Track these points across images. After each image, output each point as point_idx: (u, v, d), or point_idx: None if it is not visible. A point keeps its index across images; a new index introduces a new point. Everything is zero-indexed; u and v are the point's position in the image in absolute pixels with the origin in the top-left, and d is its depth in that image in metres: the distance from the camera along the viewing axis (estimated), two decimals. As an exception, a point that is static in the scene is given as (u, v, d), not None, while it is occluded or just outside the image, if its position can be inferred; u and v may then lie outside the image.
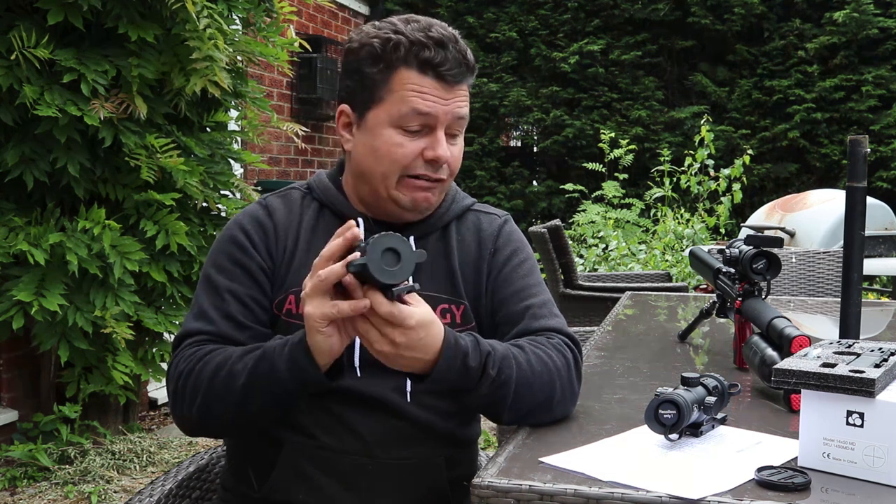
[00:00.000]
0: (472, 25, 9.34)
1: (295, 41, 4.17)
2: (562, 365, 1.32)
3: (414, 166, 1.34)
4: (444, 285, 1.41)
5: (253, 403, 1.26)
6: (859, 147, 1.52)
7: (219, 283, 1.37)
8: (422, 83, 1.32)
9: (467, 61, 1.35)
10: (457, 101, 1.35)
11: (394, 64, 1.32)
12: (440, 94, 1.33)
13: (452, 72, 1.33)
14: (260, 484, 1.36)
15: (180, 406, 1.32)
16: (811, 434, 1.09)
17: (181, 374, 1.31)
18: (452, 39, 1.35)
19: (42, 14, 3.18)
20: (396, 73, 1.32)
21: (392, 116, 1.33)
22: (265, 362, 1.23)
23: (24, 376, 3.74)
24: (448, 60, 1.32)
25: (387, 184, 1.36)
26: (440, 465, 1.38)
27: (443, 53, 1.32)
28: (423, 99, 1.32)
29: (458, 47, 1.34)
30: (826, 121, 8.52)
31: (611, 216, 7.13)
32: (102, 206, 3.38)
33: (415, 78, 1.32)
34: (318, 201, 1.44)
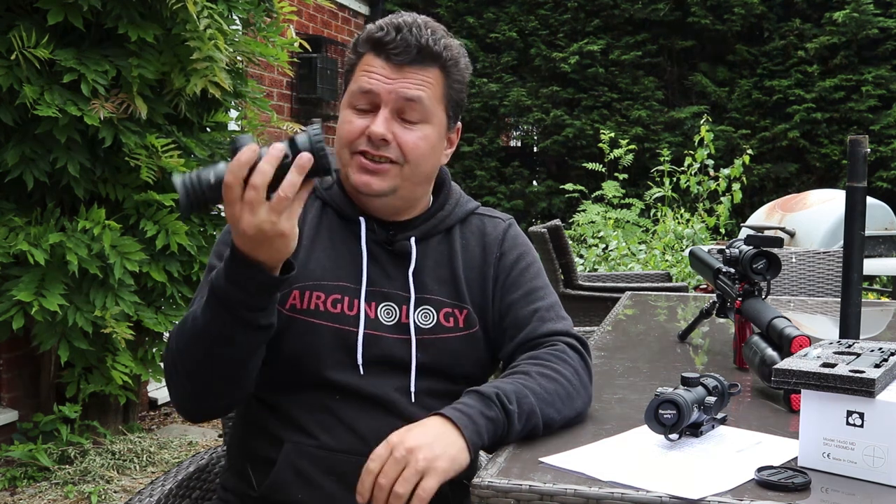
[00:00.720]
0: (472, 25, 9.34)
1: (295, 41, 4.17)
2: (570, 374, 1.33)
3: (358, 143, 1.36)
4: (447, 290, 1.41)
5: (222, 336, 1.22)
6: (859, 147, 1.52)
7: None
8: (372, 63, 1.37)
9: (421, 45, 1.35)
10: (404, 81, 1.35)
11: (359, 50, 1.39)
12: (386, 73, 1.36)
13: (396, 51, 1.35)
14: (260, 483, 1.36)
15: (172, 381, 1.31)
16: (811, 434, 1.09)
17: (166, 348, 1.32)
18: (413, 25, 1.37)
19: (42, 14, 3.18)
20: (361, 59, 1.39)
21: (348, 96, 1.39)
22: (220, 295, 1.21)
23: (24, 376, 3.74)
24: (396, 41, 1.35)
25: (343, 161, 1.39)
26: (441, 465, 1.37)
27: (393, 35, 1.35)
28: (370, 77, 1.36)
29: (416, 32, 1.36)
30: (826, 121, 8.52)
31: (611, 216, 7.13)
32: (102, 206, 3.38)
33: (370, 59, 1.37)
34: (322, 199, 1.45)
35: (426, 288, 1.40)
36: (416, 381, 1.36)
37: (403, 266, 1.40)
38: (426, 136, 1.38)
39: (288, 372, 1.35)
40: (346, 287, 1.37)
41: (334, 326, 1.35)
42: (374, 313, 1.37)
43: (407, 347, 1.36)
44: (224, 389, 1.30)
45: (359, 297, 1.37)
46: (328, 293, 1.36)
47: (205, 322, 1.23)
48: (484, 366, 1.44)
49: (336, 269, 1.38)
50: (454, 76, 1.40)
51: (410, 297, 1.38)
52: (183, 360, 1.28)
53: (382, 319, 1.37)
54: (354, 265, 1.39)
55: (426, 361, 1.37)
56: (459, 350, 1.39)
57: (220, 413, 1.42)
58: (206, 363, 1.26)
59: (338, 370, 1.34)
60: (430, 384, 1.37)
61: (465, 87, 1.43)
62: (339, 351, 1.34)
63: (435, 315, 1.39)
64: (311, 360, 1.34)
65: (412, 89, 1.36)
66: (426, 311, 1.39)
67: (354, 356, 1.34)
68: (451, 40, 1.40)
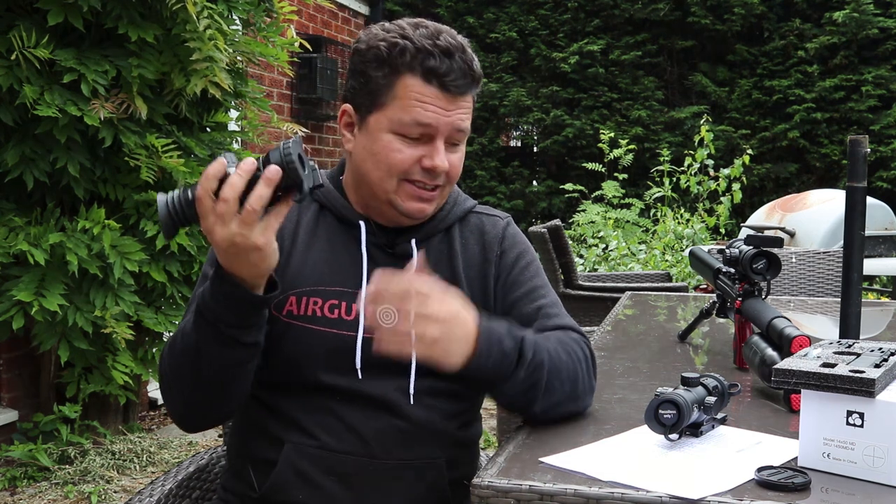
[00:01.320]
0: (472, 25, 9.34)
1: (295, 41, 4.17)
2: (582, 357, 1.35)
3: (411, 172, 1.34)
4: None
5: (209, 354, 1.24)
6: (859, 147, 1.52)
7: None
8: (425, 92, 1.31)
9: (473, 72, 1.34)
10: (459, 112, 1.34)
11: (399, 69, 1.31)
12: (442, 104, 1.32)
13: (457, 83, 1.32)
14: (260, 484, 1.36)
15: (166, 394, 1.33)
16: (811, 434, 1.09)
17: (160, 360, 1.33)
18: (460, 49, 1.33)
19: (42, 14, 3.18)
20: (400, 80, 1.31)
21: (393, 122, 1.32)
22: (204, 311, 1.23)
23: (24, 376, 3.74)
24: (453, 71, 1.31)
25: (385, 187, 1.35)
26: (441, 465, 1.37)
27: (448, 63, 1.31)
28: (425, 109, 1.31)
29: (464, 57, 1.33)
30: (826, 121, 8.52)
31: (611, 216, 7.14)
32: (102, 206, 3.38)
33: (418, 86, 1.31)
34: (318, 202, 1.44)
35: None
36: (415, 382, 1.36)
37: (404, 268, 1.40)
38: (463, 154, 1.40)
39: (287, 375, 1.35)
40: (344, 292, 1.37)
41: (332, 332, 1.34)
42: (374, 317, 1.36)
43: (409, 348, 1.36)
44: (216, 403, 1.32)
45: (357, 302, 1.36)
46: (325, 298, 1.36)
47: (192, 338, 1.25)
48: None
49: (334, 274, 1.37)
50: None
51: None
52: (174, 374, 1.30)
53: (381, 322, 1.37)
54: (354, 269, 1.38)
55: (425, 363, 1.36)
56: None
57: (216, 423, 1.44)
58: (195, 378, 1.27)
59: (336, 375, 1.34)
60: (429, 383, 1.37)
61: None
62: (337, 356, 1.34)
63: None
64: (310, 366, 1.34)
65: (466, 119, 1.35)
66: None
67: (353, 361, 1.34)
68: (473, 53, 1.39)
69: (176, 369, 1.29)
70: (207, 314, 1.22)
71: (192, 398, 1.31)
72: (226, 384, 1.29)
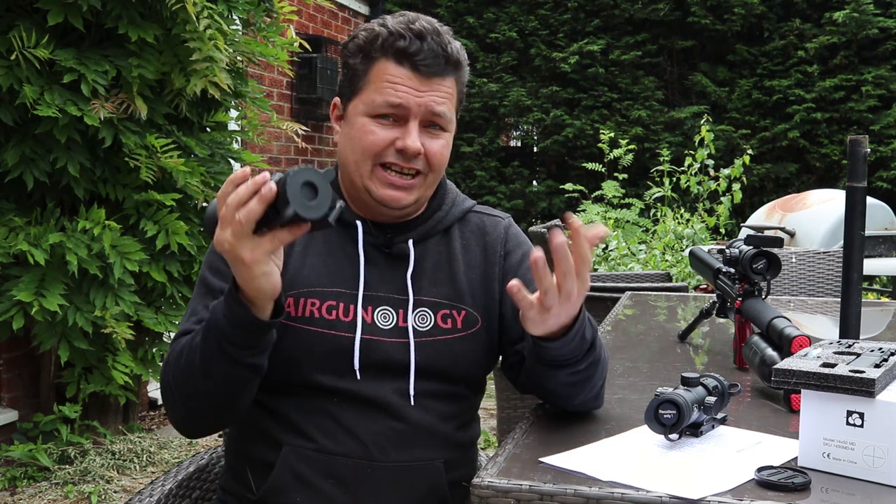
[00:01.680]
0: (472, 25, 9.34)
1: (295, 41, 4.17)
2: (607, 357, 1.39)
3: (384, 154, 1.34)
4: (445, 290, 1.40)
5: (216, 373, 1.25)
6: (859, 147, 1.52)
7: (212, 285, 1.37)
8: (396, 73, 1.32)
9: (447, 54, 1.34)
10: (433, 94, 1.34)
11: (372, 54, 1.34)
12: (414, 84, 1.32)
13: (427, 62, 1.32)
14: (258, 486, 1.35)
15: (168, 403, 1.33)
16: (811, 434, 1.08)
17: (163, 371, 1.33)
18: (434, 32, 1.34)
19: (42, 14, 3.18)
20: (375, 64, 1.34)
21: (367, 105, 1.34)
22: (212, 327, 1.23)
23: (24, 376, 3.74)
24: (423, 51, 1.32)
25: (360, 172, 1.36)
26: (439, 467, 1.37)
27: (419, 44, 1.32)
28: (395, 89, 1.32)
29: (438, 40, 1.33)
30: (826, 121, 8.52)
31: (611, 216, 7.13)
32: (102, 207, 3.38)
33: (391, 68, 1.33)
34: None
35: (424, 290, 1.39)
36: (414, 384, 1.35)
37: (401, 269, 1.40)
38: (447, 143, 1.39)
39: (285, 377, 1.35)
40: (342, 293, 1.36)
41: (329, 333, 1.34)
42: (371, 318, 1.36)
43: (405, 350, 1.36)
44: (218, 414, 1.33)
45: (355, 303, 1.36)
46: (323, 300, 1.36)
47: (198, 353, 1.25)
48: (482, 365, 1.44)
49: (331, 275, 1.37)
50: (463, 79, 1.40)
51: (409, 299, 1.38)
52: (178, 385, 1.30)
53: (379, 323, 1.36)
54: (351, 270, 1.38)
55: (425, 364, 1.36)
56: (458, 351, 1.39)
57: (217, 431, 1.44)
58: (199, 391, 1.28)
59: (334, 376, 1.34)
60: (428, 386, 1.37)
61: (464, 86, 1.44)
62: (335, 358, 1.34)
63: (432, 317, 1.38)
64: (307, 367, 1.33)
65: (441, 103, 1.35)
66: (423, 313, 1.38)
67: (351, 362, 1.34)
68: (457, 42, 1.39)
69: (180, 381, 1.29)
70: (214, 330, 1.22)
71: (195, 409, 1.31)
72: (229, 399, 1.29)
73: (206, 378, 1.26)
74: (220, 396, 1.28)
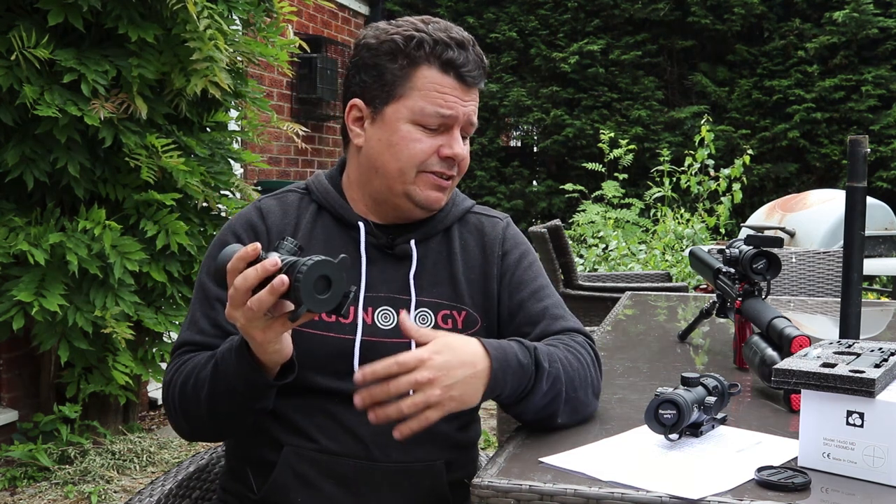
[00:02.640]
0: (472, 25, 9.34)
1: (295, 41, 4.17)
2: (591, 361, 1.36)
3: (430, 163, 1.36)
4: (445, 291, 1.41)
5: (221, 409, 1.29)
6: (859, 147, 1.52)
7: (209, 291, 1.38)
8: (444, 83, 1.34)
9: (484, 64, 1.38)
10: (473, 103, 1.38)
11: (416, 60, 1.34)
12: (459, 94, 1.35)
13: (472, 73, 1.35)
14: (259, 487, 1.35)
15: (171, 415, 1.37)
16: (811, 434, 1.09)
17: (167, 385, 1.36)
18: (471, 42, 1.37)
19: (42, 14, 3.18)
20: (418, 70, 1.34)
21: (413, 112, 1.34)
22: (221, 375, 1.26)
23: (24, 376, 3.74)
24: (469, 62, 1.35)
25: (403, 178, 1.36)
26: (440, 467, 1.37)
27: (464, 55, 1.34)
28: (445, 100, 1.34)
29: (476, 50, 1.37)
30: (826, 121, 8.52)
31: (611, 216, 7.13)
32: (102, 206, 3.38)
33: (437, 77, 1.34)
34: (317, 203, 1.44)
35: (424, 290, 1.39)
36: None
37: (403, 269, 1.40)
38: (470, 147, 1.43)
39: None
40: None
41: (329, 336, 1.34)
42: (371, 319, 1.36)
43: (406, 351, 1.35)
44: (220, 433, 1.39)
45: (356, 304, 1.36)
46: None
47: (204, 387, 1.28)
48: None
49: None
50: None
51: (411, 300, 1.38)
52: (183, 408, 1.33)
53: (380, 324, 1.36)
54: (352, 271, 1.38)
55: None
56: None
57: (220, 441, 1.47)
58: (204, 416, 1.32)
59: (335, 378, 1.34)
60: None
61: None
62: (335, 360, 1.34)
63: (432, 317, 1.38)
64: (308, 370, 1.33)
65: (476, 113, 1.39)
66: (424, 313, 1.38)
67: (351, 364, 1.33)
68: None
69: (184, 406, 1.33)
70: (222, 379, 1.25)
71: (198, 428, 1.36)
72: (234, 426, 1.34)
73: (211, 411, 1.30)
74: (226, 424, 1.33)
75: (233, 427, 1.34)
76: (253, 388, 1.24)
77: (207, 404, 1.28)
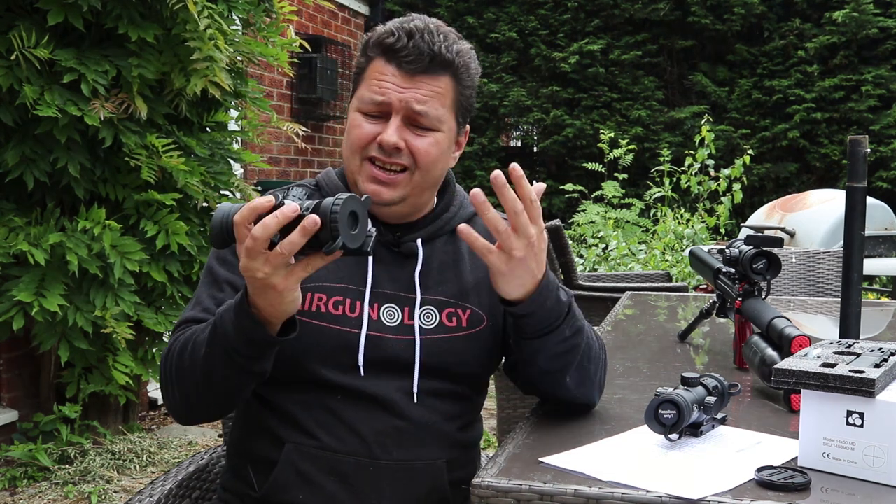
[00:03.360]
0: (472, 25, 9.34)
1: (295, 41, 4.17)
2: (602, 351, 1.40)
3: (369, 149, 1.36)
4: (450, 289, 1.41)
5: (217, 374, 1.26)
6: (859, 147, 1.52)
7: (219, 274, 1.39)
8: (384, 70, 1.35)
9: (434, 53, 1.33)
10: (415, 91, 1.34)
11: (369, 53, 1.37)
12: (397, 81, 1.34)
13: (409, 58, 1.33)
14: (260, 484, 1.36)
15: (167, 392, 1.34)
16: (811, 434, 1.09)
17: (164, 356, 1.34)
18: (425, 31, 1.34)
19: (42, 14, 3.18)
20: (371, 62, 1.37)
21: (358, 101, 1.38)
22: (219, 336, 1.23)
23: (24, 376, 3.74)
24: (408, 48, 1.33)
25: (351, 167, 1.39)
26: (441, 467, 1.37)
27: (405, 41, 1.33)
28: (380, 86, 1.34)
29: (428, 38, 1.34)
30: (826, 121, 8.52)
31: (611, 216, 7.13)
32: (102, 206, 3.38)
33: (380, 66, 1.36)
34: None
35: (430, 288, 1.40)
36: (418, 382, 1.36)
37: (409, 267, 1.40)
38: (437, 142, 1.38)
39: (288, 372, 1.35)
40: (349, 289, 1.37)
41: (335, 328, 1.34)
42: (377, 315, 1.37)
43: (410, 348, 1.36)
44: (218, 405, 1.35)
45: (362, 300, 1.36)
46: (330, 295, 1.36)
47: (202, 353, 1.26)
48: (484, 364, 1.45)
49: (339, 271, 1.37)
50: (465, 82, 1.39)
51: (416, 297, 1.38)
52: (178, 378, 1.31)
53: (385, 321, 1.37)
54: (358, 267, 1.38)
55: (429, 362, 1.37)
56: (462, 349, 1.39)
57: (213, 420, 1.45)
58: (199, 387, 1.29)
59: (338, 372, 1.34)
60: (432, 384, 1.37)
61: (474, 91, 1.43)
62: (340, 353, 1.34)
63: (437, 315, 1.39)
64: (312, 362, 1.34)
65: (422, 101, 1.35)
66: (429, 311, 1.39)
67: (356, 358, 1.34)
68: (462, 45, 1.39)
69: (180, 375, 1.30)
70: (221, 339, 1.23)
71: (193, 401, 1.33)
72: (229, 395, 1.31)
73: (207, 377, 1.27)
74: (221, 394, 1.30)
75: (228, 398, 1.31)
76: (252, 346, 1.21)
77: (203, 368, 1.25)
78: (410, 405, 1.35)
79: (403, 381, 1.35)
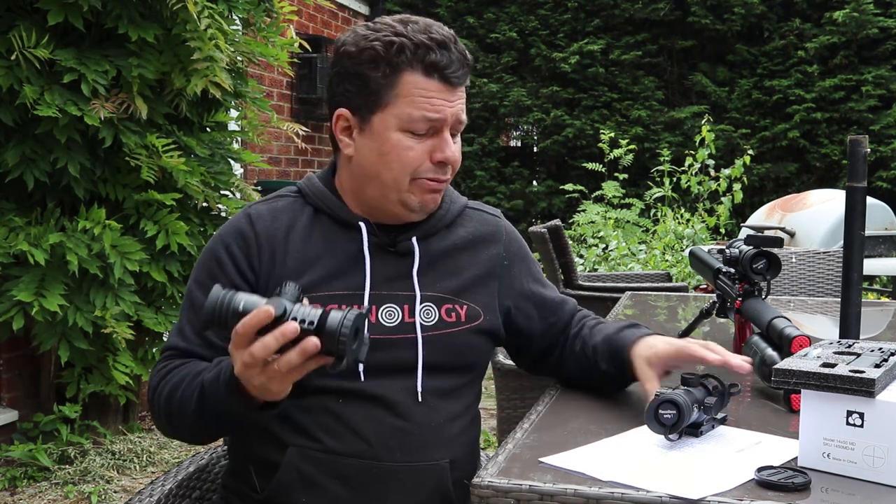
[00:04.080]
0: (472, 25, 9.34)
1: (295, 41, 4.17)
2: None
3: (423, 169, 1.34)
4: (448, 285, 1.41)
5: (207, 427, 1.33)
6: (859, 147, 1.52)
7: (196, 300, 1.38)
8: (428, 87, 1.31)
9: (467, 61, 1.36)
10: (459, 102, 1.35)
11: (399, 67, 1.31)
12: (445, 96, 1.32)
13: (457, 74, 1.33)
14: (263, 486, 1.35)
15: (156, 417, 1.38)
16: (811, 434, 1.08)
17: (153, 390, 1.37)
18: (452, 40, 1.34)
19: (42, 14, 3.18)
20: (402, 77, 1.31)
21: (401, 120, 1.32)
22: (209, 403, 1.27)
23: (24, 376, 3.74)
24: (452, 62, 1.32)
25: (398, 187, 1.35)
26: (444, 467, 1.37)
27: (447, 55, 1.31)
28: (432, 104, 1.31)
29: (458, 48, 1.34)
30: (826, 121, 8.52)
31: (611, 216, 7.13)
32: (102, 206, 3.38)
33: (421, 82, 1.31)
34: (313, 206, 1.42)
35: (427, 286, 1.40)
36: (422, 380, 1.36)
37: (406, 266, 1.40)
38: (460, 144, 1.41)
39: None
40: (346, 294, 1.36)
41: None
42: (375, 317, 1.36)
43: (412, 347, 1.36)
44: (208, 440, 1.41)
45: (360, 304, 1.36)
46: (325, 303, 1.35)
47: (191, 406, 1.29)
48: (482, 354, 1.47)
49: (336, 276, 1.36)
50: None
51: (416, 295, 1.38)
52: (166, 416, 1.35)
53: (384, 322, 1.36)
54: (355, 271, 1.37)
55: (432, 359, 1.37)
56: (463, 343, 1.40)
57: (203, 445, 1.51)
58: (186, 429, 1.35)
59: (339, 377, 1.33)
60: (435, 382, 1.37)
61: None
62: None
63: (437, 311, 1.39)
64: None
65: (463, 110, 1.37)
66: (428, 307, 1.39)
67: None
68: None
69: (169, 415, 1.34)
70: (210, 408, 1.27)
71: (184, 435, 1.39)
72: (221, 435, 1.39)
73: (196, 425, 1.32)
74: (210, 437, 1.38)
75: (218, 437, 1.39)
76: (243, 417, 1.26)
77: (193, 419, 1.30)
78: (414, 406, 1.35)
79: (407, 380, 1.35)
